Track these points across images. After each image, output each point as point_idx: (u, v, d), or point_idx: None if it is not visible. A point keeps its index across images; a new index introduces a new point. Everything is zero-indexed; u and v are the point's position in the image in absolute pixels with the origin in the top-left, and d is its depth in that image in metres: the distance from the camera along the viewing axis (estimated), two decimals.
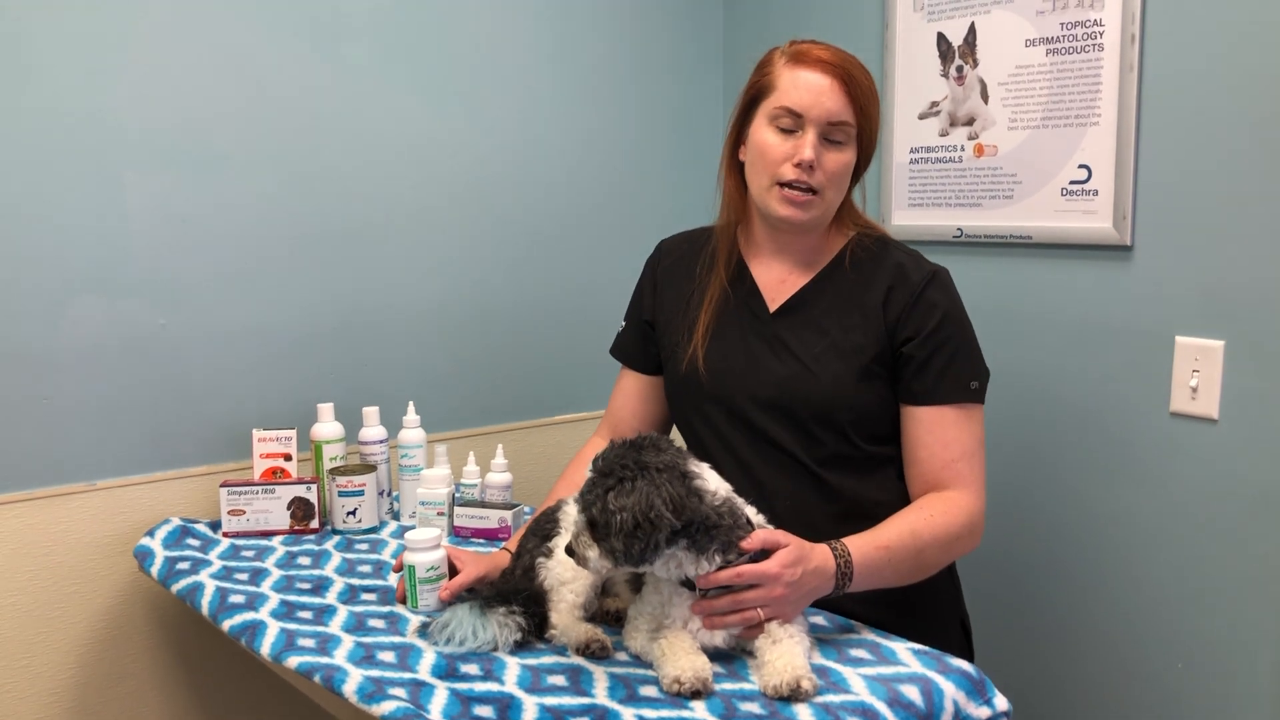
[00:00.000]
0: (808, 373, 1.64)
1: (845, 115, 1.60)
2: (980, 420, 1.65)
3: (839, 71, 1.60)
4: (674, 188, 2.70)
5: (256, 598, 1.65)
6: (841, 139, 1.61)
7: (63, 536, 1.95)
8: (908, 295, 1.63)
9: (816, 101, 1.59)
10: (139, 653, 2.05)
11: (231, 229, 2.07)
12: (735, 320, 1.72)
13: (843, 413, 1.62)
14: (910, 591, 1.59)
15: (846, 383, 1.62)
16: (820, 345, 1.65)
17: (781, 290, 1.71)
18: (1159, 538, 1.98)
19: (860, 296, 1.66)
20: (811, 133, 1.59)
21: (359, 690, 1.30)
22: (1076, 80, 2.03)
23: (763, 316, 1.70)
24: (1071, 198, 2.06)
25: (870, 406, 1.64)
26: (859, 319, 1.65)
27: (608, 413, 1.90)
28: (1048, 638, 2.16)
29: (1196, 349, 1.90)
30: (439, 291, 2.35)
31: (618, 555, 1.32)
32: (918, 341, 1.62)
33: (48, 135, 1.87)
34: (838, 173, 1.62)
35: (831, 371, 1.63)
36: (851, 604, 1.54)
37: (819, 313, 1.68)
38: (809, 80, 1.60)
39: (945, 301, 1.64)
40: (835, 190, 1.64)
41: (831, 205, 1.66)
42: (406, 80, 2.26)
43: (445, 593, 1.56)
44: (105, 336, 1.96)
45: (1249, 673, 1.87)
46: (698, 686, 1.28)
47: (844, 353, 1.64)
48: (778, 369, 1.66)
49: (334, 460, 2.07)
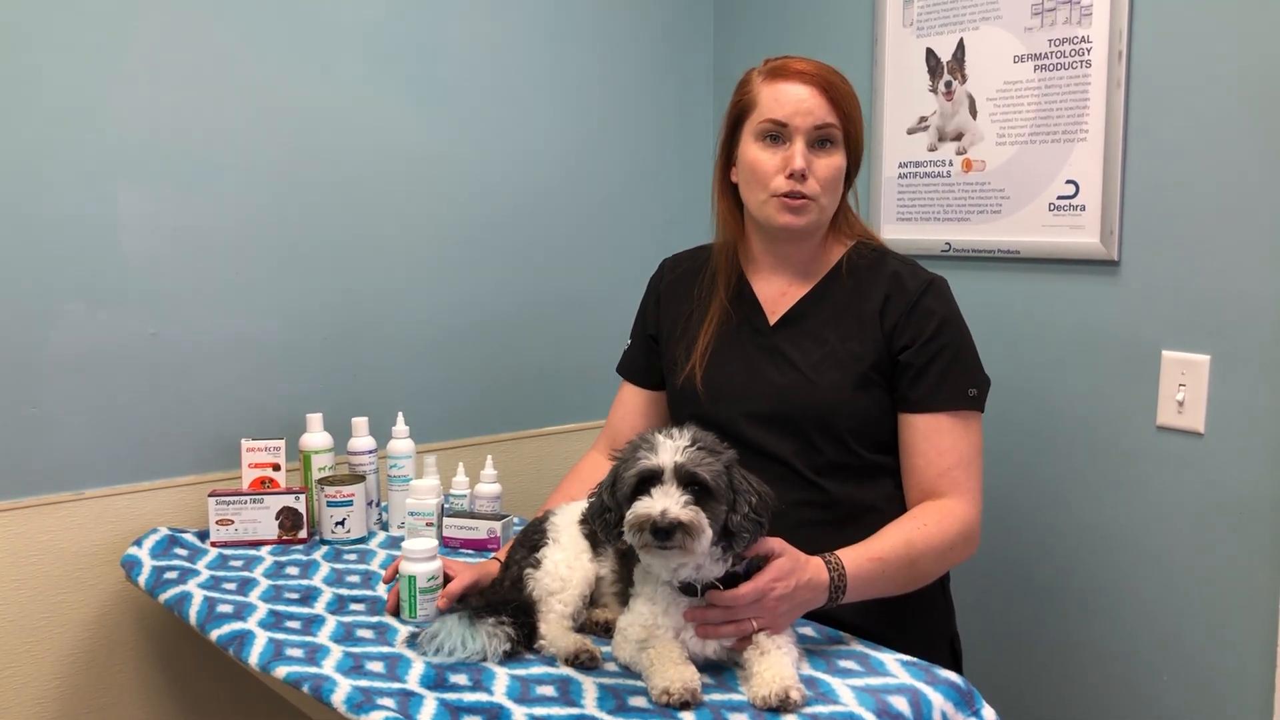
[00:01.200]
0: (807, 381, 1.65)
1: (829, 118, 1.63)
2: (978, 428, 1.65)
3: (817, 79, 1.63)
4: (665, 201, 2.71)
5: (245, 607, 1.65)
6: (828, 140, 1.64)
7: (50, 545, 1.94)
8: (904, 303, 1.64)
9: (799, 110, 1.62)
10: (125, 662, 2.04)
11: (222, 239, 2.07)
12: (736, 336, 1.73)
13: (842, 420, 1.63)
14: (902, 607, 1.60)
15: (845, 390, 1.63)
16: (819, 354, 1.66)
17: (781, 302, 1.73)
18: (1145, 549, 1.99)
19: (858, 305, 1.67)
20: (799, 141, 1.62)
21: (348, 700, 1.30)
22: (1064, 96, 2.04)
23: (763, 330, 1.72)
24: (1059, 213, 2.07)
25: (869, 413, 1.65)
26: (856, 327, 1.66)
27: (608, 426, 1.91)
28: (1034, 647, 2.17)
29: (1183, 363, 1.91)
30: (428, 303, 2.35)
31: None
32: (914, 349, 1.63)
33: (40, 144, 1.87)
34: (830, 177, 1.64)
35: (830, 380, 1.64)
36: (841, 612, 1.54)
37: (818, 323, 1.69)
38: (789, 91, 1.63)
39: (942, 309, 1.65)
40: (829, 195, 1.66)
41: (827, 210, 1.68)
42: (398, 93, 2.26)
43: (443, 600, 1.56)
44: (95, 345, 1.96)
45: (1234, 683, 1.88)
46: (686, 697, 1.28)
47: (842, 361, 1.65)
48: (777, 379, 1.67)
49: (323, 470, 2.07)
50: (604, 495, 1.38)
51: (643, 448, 1.34)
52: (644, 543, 1.31)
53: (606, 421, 1.92)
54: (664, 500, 1.29)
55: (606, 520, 1.38)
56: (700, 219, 2.76)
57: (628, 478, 1.33)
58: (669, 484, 1.30)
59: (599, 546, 1.54)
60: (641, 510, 1.30)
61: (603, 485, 1.39)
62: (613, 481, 1.37)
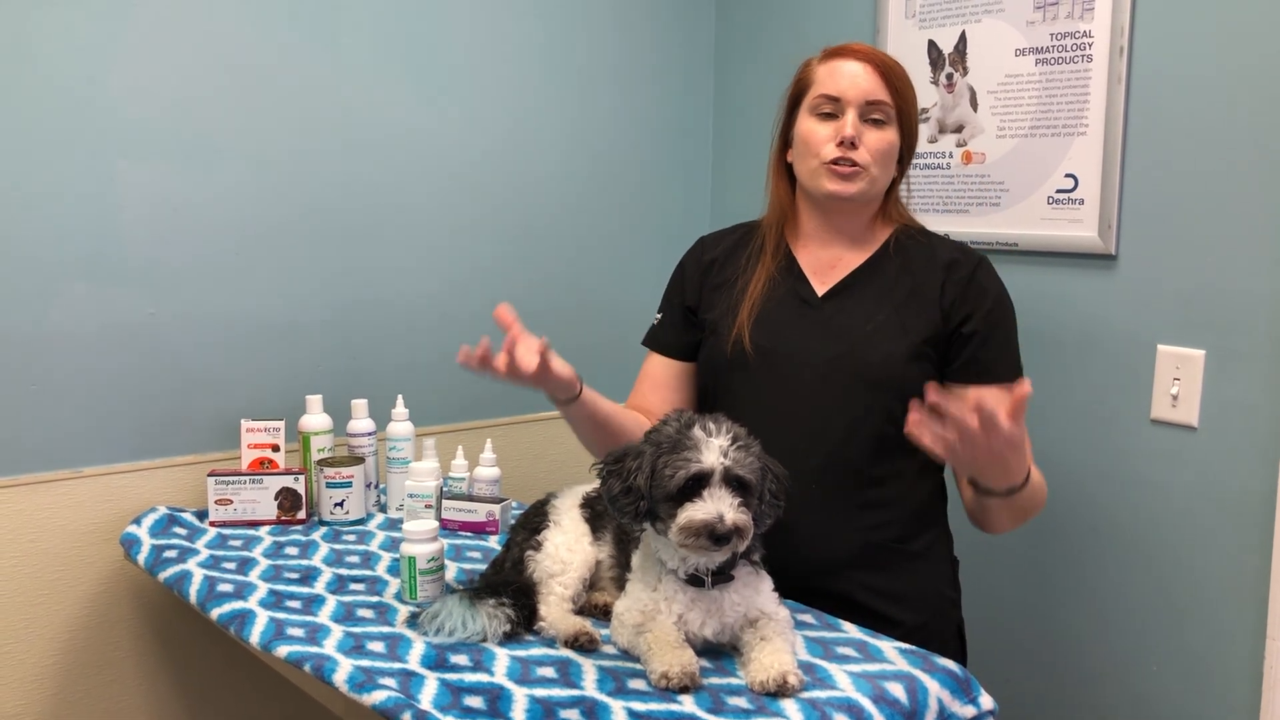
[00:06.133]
0: (858, 352, 1.66)
1: (881, 95, 1.66)
2: None
3: (873, 59, 1.68)
4: (666, 185, 2.72)
5: (245, 587, 1.65)
6: (881, 118, 1.67)
7: (48, 523, 1.94)
8: (962, 278, 1.68)
9: (853, 84, 1.66)
10: (123, 640, 2.05)
11: (223, 219, 2.07)
12: (783, 305, 1.73)
13: (891, 391, 1.64)
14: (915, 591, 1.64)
15: (898, 362, 1.65)
16: (871, 326, 1.67)
17: (831, 274, 1.74)
18: (1137, 542, 2.01)
19: (911, 280, 1.70)
20: (851, 113, 1.66)
21: (349, 680, 1.31)
22: (1065, 90, 2.05)
23: (811, 300, 1.73)
24: (1058, 206, 2.08)
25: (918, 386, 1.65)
26: (911, 300, 1.68)
27: (632, 398, 1.87)
28: (1029, 638, 2.19)
29: (1178, 357, 1.93)
30: (429, 285, 2.35)
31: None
32: (974, 321, 1.66)
33: (40, 122, 1.87)
34: (881, 149, 1.67)
35: (883, 351, 1.65)
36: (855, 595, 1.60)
37: (869, 294, 1.70)
38: (844, 68, 1.68)
39: (995, 286, 1.71)
40: (880, 167, 1.68)
41: (877, 182, 1.69)
42: (400, 74, 2.26)
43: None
44: (94, 324, 1.96)
45: (1223, 675, 1.90)
46: (685, 681, 1.29)
47: (895, 333, 1.66)
48: (827, 349, 1.68)
49: (322, 452, 2.07)
50: (638, 481, 1.36)
51: (687, 446, 1.33)
52: (698, 545, 1.32)
53: (634, 392, 1.88)
54: (718, 505, 1.31)
55: (632, 506, 1.36)
56: (701, 196, 2.79)
57: (674, 478, 1.33)
58: (717, 486, 1.32)
59: (598, 531, 1.55)
60: (699, 517, 1.31)
61: (631, 469, 1.38)
62: (651, 472, 1.36)
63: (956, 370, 1.68)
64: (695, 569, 1.38)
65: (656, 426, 1.40)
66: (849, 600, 1.63)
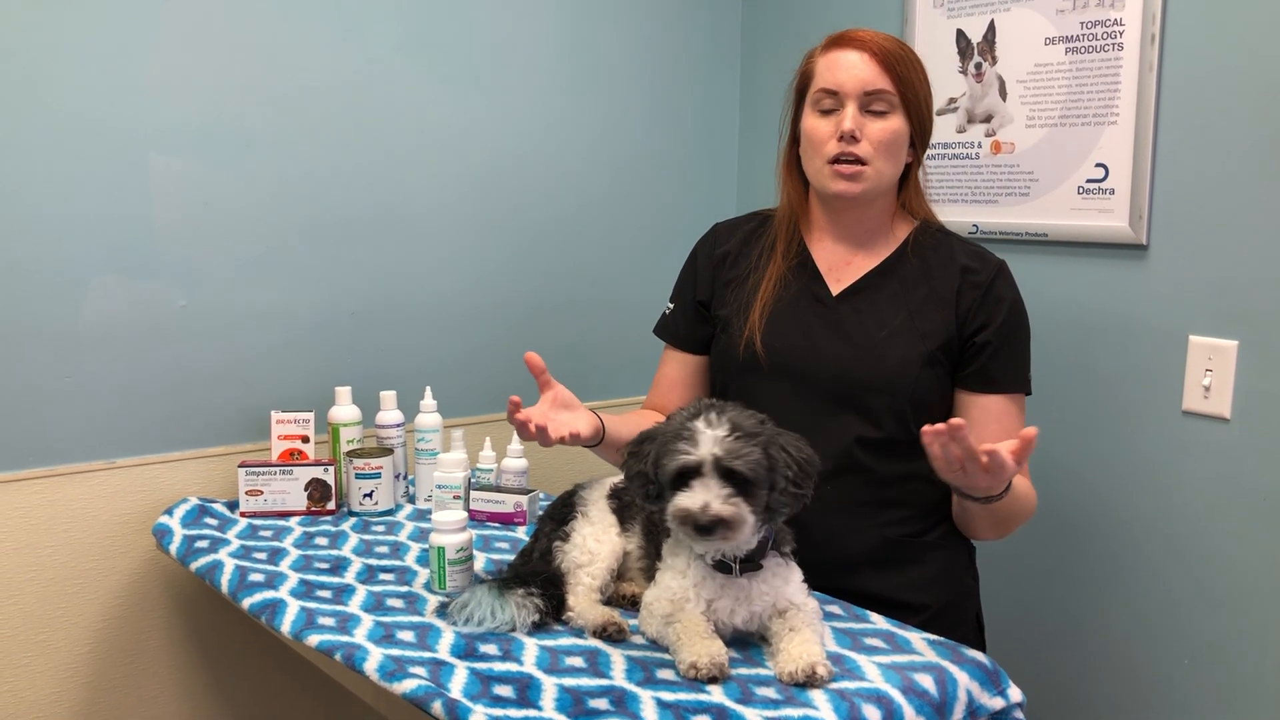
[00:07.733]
0: (872, 355, 1.65)
1: (880, 83, 1.63)
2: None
3: (871, 45, 1.64)
4: (690, 180, 2.71)
5: (275, 577, 1.67)
6: (883, 108, 1.64)
7: (83, 513, 1.97)
8: (979, 287, 1.66)
9: (850, 75, 1.63)
10: (154, 629, 2.07)
11: (254, 214, 2.09)
12: (795, 304, 1.72)
13: (905, 396, 1.64)
14: (932, 581, 1.63)
15: (912, 367, 1.64)
16: (886, 329, 1.67)
17: (846, 273, 1.73)
18: (1168, 534, 1.99)
19: (928, 285, 1.68)
20: (851, 105, 1.63)
21: (380, 668, 1.32)
22: (1095, 79, 2.04)
23: (826, 300, 1.71)
24: (1088, 196, 2.07)
25: (930, 392, 1.66)
26: (929, 306, 1.67)
27: (651, 396, 1.89)
28: (1056, 631, 2.18)
29: (1210, 348, 1.91)
30: (457, 278, 2.36)
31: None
32: (989, 331, 1.65)
33: (74, 116, 1.89)
34: (884, 140, 1.64)
35: (898, 355, 1.65)
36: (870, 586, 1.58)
37: (885, 297, 1.69)
38: (842, 58, 1.65)
39: (1010, 294, 1.68)
40: (885, 160, 1.65)
41: (883, 175, 1.67)
42: (428, 72, 2.27)
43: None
44: (126, 317, 1.98)
45: (1255, 670, 1.89)
46: (714, 672, 1.29)
47: (911, 338, 1.65)
48: (840, 351, 1.67)
49: (351, 443, 2.09)
50: (648, 466, 1.38)
51: (683, 436, 1.33)
52: (687, 532, 1.33)
53: (652, 390, 1.89)
54: (704, 495, 1.30)
55: (648, 491, 1.38)
56: (728, 189, 2.78)
57: (668, 467, 1.33)
58: (708, 477, 1.31)
59: (626, 522, 1.55)
60: (683, 504, 1.31)
61: (644, 456, 1.39)
62: (656, 459, 1.37)
63: (966, 378, 1.67)
64: (721, 555, 1.38)
65: (672, 414, 1.42)
66: (868, 594, 1.62)
